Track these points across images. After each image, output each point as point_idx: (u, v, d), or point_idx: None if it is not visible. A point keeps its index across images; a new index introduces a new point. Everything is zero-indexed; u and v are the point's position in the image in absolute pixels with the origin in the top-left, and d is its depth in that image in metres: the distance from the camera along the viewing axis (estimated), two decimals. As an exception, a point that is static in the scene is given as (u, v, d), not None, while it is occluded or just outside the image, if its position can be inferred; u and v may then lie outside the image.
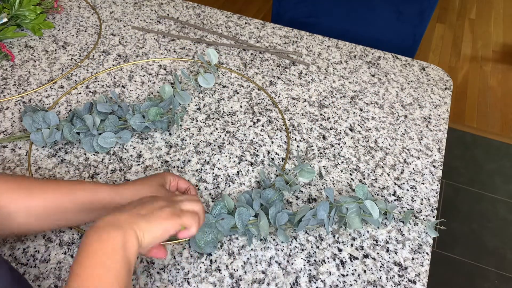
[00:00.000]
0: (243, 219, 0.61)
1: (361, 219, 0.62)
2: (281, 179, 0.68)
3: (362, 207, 0.63)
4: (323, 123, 0.82)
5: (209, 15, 1.05)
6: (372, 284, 0.61)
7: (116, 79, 0.87)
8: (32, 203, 0.52)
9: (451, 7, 2.85)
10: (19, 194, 0.52)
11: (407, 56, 0.99)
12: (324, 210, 0.61)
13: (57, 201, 0.54)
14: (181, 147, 0.76)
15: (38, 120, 0.72)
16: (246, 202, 0.65)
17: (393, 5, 1.28)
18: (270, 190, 0.66)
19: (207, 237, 0.60)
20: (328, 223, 0.61)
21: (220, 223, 0.61)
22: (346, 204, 0.62)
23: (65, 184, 0.56)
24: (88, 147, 0.73)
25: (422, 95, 0.90)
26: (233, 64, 0.93)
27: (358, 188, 0.63)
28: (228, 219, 0.62)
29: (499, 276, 1.54)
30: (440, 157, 0.79)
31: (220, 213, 0.62)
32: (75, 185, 0.56)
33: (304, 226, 0.62)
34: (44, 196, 0.53)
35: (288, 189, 0.67)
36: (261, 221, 0.60)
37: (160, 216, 0.46)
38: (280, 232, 0.62)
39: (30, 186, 0.53)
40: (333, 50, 0.99)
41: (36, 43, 0.94)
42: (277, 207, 0.63)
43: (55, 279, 0.58)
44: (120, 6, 1.06)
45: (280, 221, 0.62)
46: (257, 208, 0.63)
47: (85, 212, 0.56)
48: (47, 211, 0.53)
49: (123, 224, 0.43)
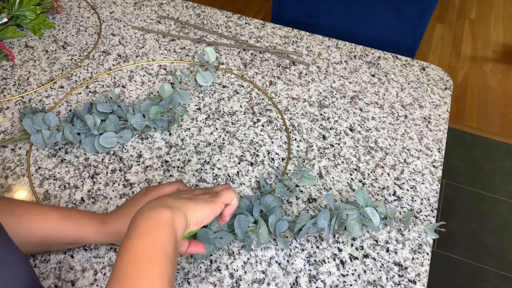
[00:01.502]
0: (242, 226, 0.60)
1: (361, 226, 0.62)
2: (281, 185, 0.67)
3: (362, 212, 0.62)
4: (323, 123, 0.82)
5: (209, 15, 1.05)
6: (372, 284, 0.61)
7: (116, 79, 0.87)
8: (21, 232, 0.53)
9: (451, 7, 2.85)
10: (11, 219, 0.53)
11: (407, 56, 0.99)
12: (324, 219, 0.61)
13: (44, 232, 0.55)
14: (181, 147, 0.76)
15: (38, 121, 0.72)
16: (246, 208, 0.64)
17: (393, 5, 1.28)
18: (270, 197, 0.66)
19: (205, 252, 0.60)
20: (329, 231, 0.61)
21: (219, 241, 0.60)
22: (346, 211, 0.62)
23: (54, 213, 0.56)
24: (89, 147, 0.73)
25: (422, 95, 0.90)
26: (233, 64, 0.93)
27: (359, 195, 0.62)
28: (227, 236, 0.60)
29: (499, 276, 1.54)
30: (440, 157, 0.79)
31: (220, 229, 0.61)
32: (64, 216, 0.56)
33: (304, 234, 0.62)
34: (33, 226, 0.54)
35: (288, 195, 0.67)
36: (260, 228, 0.60)
37: (204, 199, 0.50)
38: (280, 240, 0.62)
39: (20, 213, 0.54)
40: (333, 50, 0.99)
41: (36, 43, 0.94)
42: (277, 215, 0.63)
43: (55, 279, 0.58)
44: (120, 6, 1.06)
45: (280, 229, 0.61)
46: (256, 215, 0.63)
47: (68, 244, 0.58)
48: (34, 239, 0.55)
49: (172, 204, 0.46)
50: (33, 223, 0.54)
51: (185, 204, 0.47)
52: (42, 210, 0.56)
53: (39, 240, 0.55)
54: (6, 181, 0.69)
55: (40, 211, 0.55)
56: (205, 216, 0.49)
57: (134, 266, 0.41)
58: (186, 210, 0.47)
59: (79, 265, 0.59)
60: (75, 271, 0.59)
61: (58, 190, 0.68)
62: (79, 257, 0.60)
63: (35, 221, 0.54)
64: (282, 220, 0.62)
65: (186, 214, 0.46)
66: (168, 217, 0.44)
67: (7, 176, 0.69)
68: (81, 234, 0.56)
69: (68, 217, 0.56)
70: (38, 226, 0.54)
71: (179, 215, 0.46)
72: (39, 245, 0.57)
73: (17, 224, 0.53)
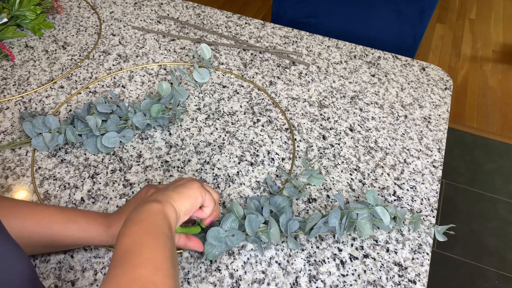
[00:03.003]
0: (253, 226, 0.60)
1: (372, 226, 0.62)
2: (290, 185, 0.67)
3: (372, 212, 0.62)
4: (323, 123, 0.82)
5: (209, 15, 1.05)
6: (372, 284, 0.61)
7: (116, 79, 0.87)
8: (25, 233, 0.53)
9: (451, 7, 2.85)
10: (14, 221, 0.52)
11: (407, 56, 0.99)
12: (335, 218, 0.61)
13: (48, 234, 0.55)
14: (181, 147, 0.76)
15: (38, 124, 0.71)
16: (256, 208, 0.64)
17: (393, 5, 1.28)
18: (279, 197, 0.66)
19: (216, 251, 0.60)
20: (340, 230, 0.61)
21: (231, 239, 0.60)
22: (356, 210, 0.62)
23: (59, 215, 0.56)
24: (91, 148, 0.73)
25: (422, 95, 0.90)
26: (233, 64, 0.93)
27: (369, 194, 0.62)
28: (239, 235, 0.60)
29: (499, 276, 1.54)
30: (440, 157, 0.79)
31: (231, 227, 0.61)
32: (69, 219, 0.56)
33: (316, 233, 0.62)
34: (37, 228, 0.54)
35: (297, 195, 0.67)
36: (271, 228, 0.60)
37: (190, 188, 0.53)
38: (291, 240, 0.62)
39: (24, 214, 0.54)
40: (333, 50, 0.99)
41: (36, 43, 0.94)
42: (288, 215, 0.63)
43: (55, 279, 0.58)
44: (120, 6, 1.06)
45: (291, 228, 0.62)
46: (266, 215, 0.63)
47: (73, 246, 0.58)
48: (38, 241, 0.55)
49: (159, 199, 0.49)
50: (37, 226, 0.54)
51: (171, 197, 0.50)
52: (46, 213, 0.55)
53: (43, 243, 0.55)
54: (6, 181, 0.69)
55: (44, 213, 0.55)
56: (188, 208, 0.52)
57: (134, 244, 0.42)
58: (173, 202, 0.50)
59: (79, 265, 0.59)
60: (75, 271, 0.59)
61: (58, 190, 0.68)
62: (79, 257, 0.60)
63: (40, 224, 0.54)
64: (293, 220, 0.62)
65: (174, 206, 0.50)
66: (159, 207, 0.48)
67: (7, 176, 0.69)
68: (86, 237, 0.56)
69: (73, 221, 0.56)
70: (42, 229, 0.54)
71: (168, 206, 0.49)
72: (43, 247, 0.57)
73: (20, 225, 0.53)
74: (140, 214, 0.46)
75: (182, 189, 0.52)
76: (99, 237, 0.56)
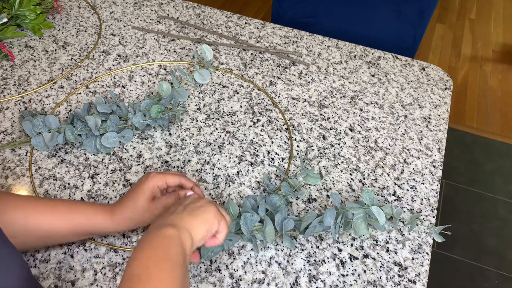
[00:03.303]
0: (248, 224, 0.61)
1: (367, 225, 0.62)
2: (286, 184, 0.67)
3: (368, 212, 0.62)
4: (323, 123, 0.82)
5: (209, 15, 1.05)
6: (372, 284, 0.61)
7: (116, 79, 0.87)
8: (29, 226, 0.53)
9: (451, 7, 2.85)
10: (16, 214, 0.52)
11: (407, 56, 0.99)
12: (331, 217, 0.61)
13: (53, 225, 0.55)
14: (181, 147, 0.76)
15: (38, 124, 0.71)
16: (251, 207, 0.65)
17: (393, 5, 1.28)
18: (275, 196, 0.66)
19: (211, 252, 0.60)
20: (335, 230, 0.61)
21: (227, 243, 0.61)
22: (352, 210, 0.62)
23: (62, 206, 0.56)
24: (91, 148, 0.73)
25: (422, 95, 0.90)
26: (233, 64, 0.93)
27: (365, 194, 0.62)
28: (235, 238, 0.61)
29: (499, 276, 1.54)
30: (440, 157, 0.79)
31: (229, 232, 0.61)
32: (72, 209, 0.56)
33: (311, 232, 0.62)
34: (40, 219, 0.54)
35: (294, 194, 0.67)
36: (266, 227, 0.60)
37: (207, 212, 0.51)
38: (286, 239, 0.62)
39: (26, 207, 0.54)
40: (333, 50, 0.99)
41: (36, 43, 0.94)
42: (283, 214, 0.63)
43: (55, 279, 0.58)
44: (120, 6, 1.06)
45: (286, 227, 0.62)
46: (262, 214, 0.63)
47: (77, 235, 0.58)
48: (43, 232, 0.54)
49: (176, 223, 0.47)
50: (40, 217, 0.54)
51: (187, 222, 0.49)
52: (49, 204, 0.55)
53: (49, 234, 0.55)
54: (6, 181, 0.69)
55: (47, 205, 0.55)
56: (203, 235, 0.50)
57: (143, 270, 0.42)
58: (190, 228, 0.48)
59: (79, 265, 0.59)
60: (75, 271, 0.59)
61: (58, 190, 0.68)
62: (79, 257, 0.60)
63: (43, 215, 0.54)
64: (288, 218, 0.62)
65: (191, 233, 0.48)
66: (175, 233, 0.46)
67: (7, 176, 0.69)
68: (93, 224, 0.56)
69: (77, 209, 0.56)
70: (46, 219, 0.54)
71: (184, 233, 0.47)
72: (49, 238, 0.56)
73: (23, 218, 0.53)
74: (155, 240, 0.45)
75: (198, 213, 0.51)
76: (107, 223, 0.56)
